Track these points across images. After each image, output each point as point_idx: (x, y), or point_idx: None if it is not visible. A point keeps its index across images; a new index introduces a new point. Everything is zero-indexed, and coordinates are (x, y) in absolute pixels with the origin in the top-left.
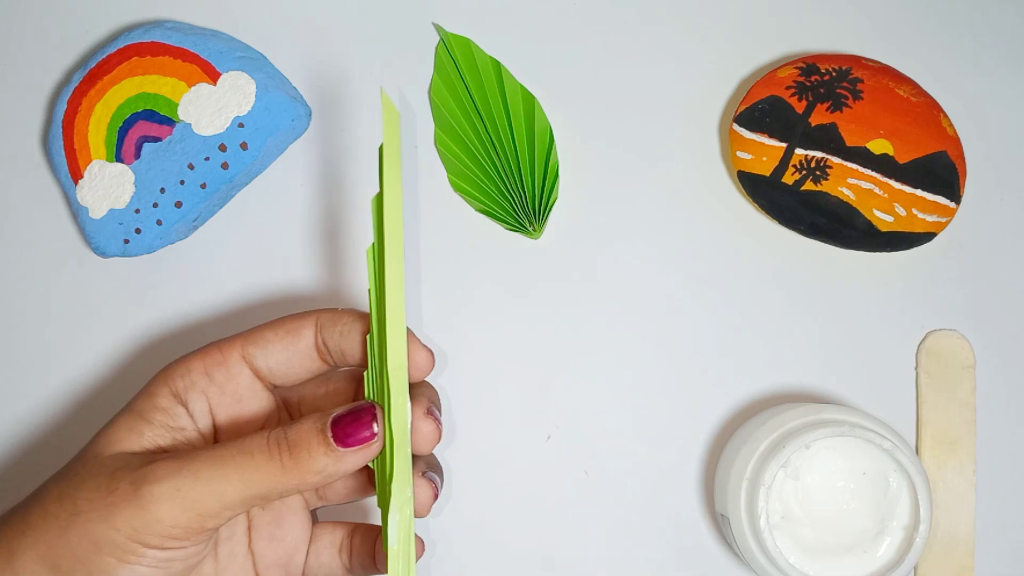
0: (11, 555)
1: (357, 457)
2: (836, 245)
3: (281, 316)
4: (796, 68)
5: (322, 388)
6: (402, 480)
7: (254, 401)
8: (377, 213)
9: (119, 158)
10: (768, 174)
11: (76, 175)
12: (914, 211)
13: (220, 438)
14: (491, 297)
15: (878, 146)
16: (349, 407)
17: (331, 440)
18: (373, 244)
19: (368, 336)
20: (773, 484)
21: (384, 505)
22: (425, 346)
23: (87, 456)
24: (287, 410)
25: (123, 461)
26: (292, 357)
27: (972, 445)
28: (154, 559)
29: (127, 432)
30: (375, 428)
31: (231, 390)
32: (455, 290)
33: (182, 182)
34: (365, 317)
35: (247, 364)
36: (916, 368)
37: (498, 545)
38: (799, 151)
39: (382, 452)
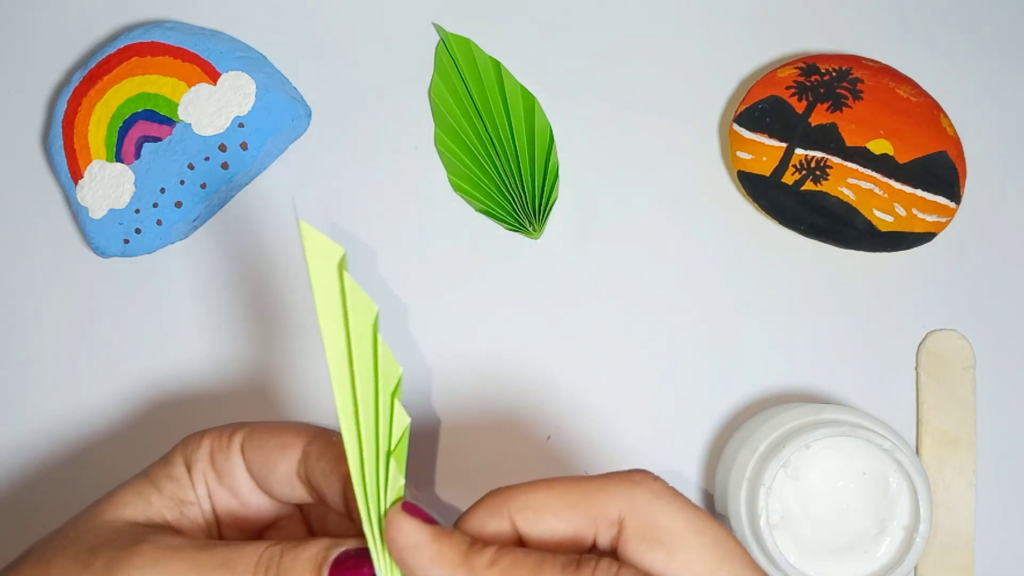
0: None
1: None
2: (836, 245)
3: (285, 421)
4: (796, 68)
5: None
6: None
7: (253, 501)
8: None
9: (119, 158)
10: (768, 174)
11: (76, 175)
12: (914, 211)
13: (221, 525)
14: (491, 297)
15: (878, 146)
16: (358, 547)
17: None
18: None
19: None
20: (773, 484)
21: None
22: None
23: (86, 515)
24: (303, 517)
25: (116, 531)
26: (270, 476)
27: (972, 445)
28: None
29: (134, 497)
30: None
31: (228, 483)
32: (455, 290)
33: (182, 182)
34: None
35: (244, 460)
36: (916, 368)
37: None
38: (799, 151)
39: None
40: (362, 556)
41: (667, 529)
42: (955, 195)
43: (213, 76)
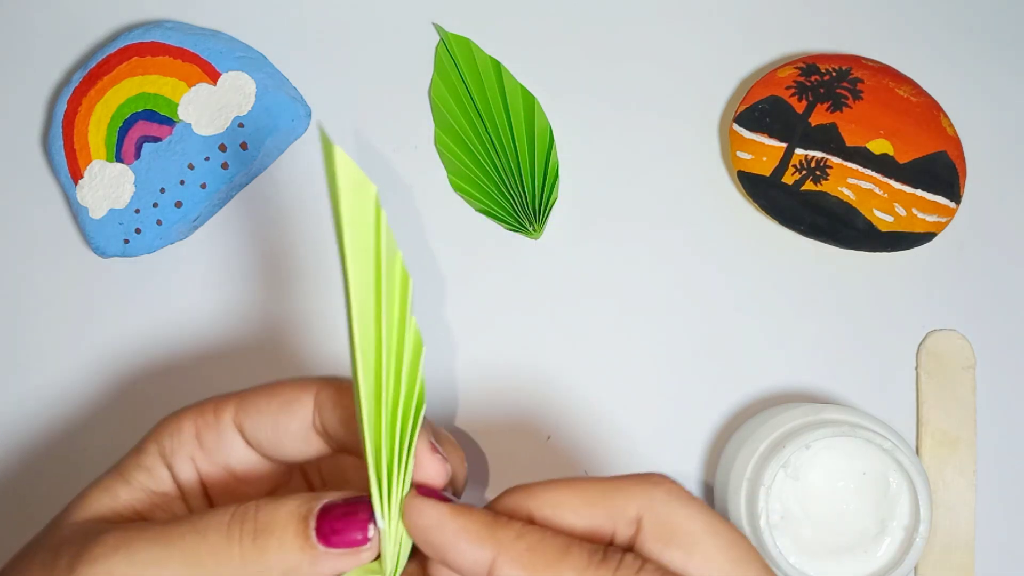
0: None
1: (339, 563)
2: (836, 245)
3: (276, 381)
4: (796, 68)
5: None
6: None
7: (254, 474)
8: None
9: (119, 158)
10: (768, 174)
11: (76, 175)
12: (914, 211)
13: (216, 505)
14: (491, 297)
15: (878, 146)
16: (345, 496)
17: (312, 533)
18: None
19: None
20: (773, 484)
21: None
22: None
23: (55, 521)
24: (307, 481)
25: (80, 530)
26: (282, 437)
27: (972, 445)
28: None
29: (100, 493)
30: (370, 532)
31: (222, 460)
32: (455, 290)
33: (182, 182)
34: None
35: (240, 432)
36: (916, 368)
37: None
38: (799, 151)
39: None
40: (353, 504)
41: (685, 530)
42: (955, 195)
43: (213, 76)
